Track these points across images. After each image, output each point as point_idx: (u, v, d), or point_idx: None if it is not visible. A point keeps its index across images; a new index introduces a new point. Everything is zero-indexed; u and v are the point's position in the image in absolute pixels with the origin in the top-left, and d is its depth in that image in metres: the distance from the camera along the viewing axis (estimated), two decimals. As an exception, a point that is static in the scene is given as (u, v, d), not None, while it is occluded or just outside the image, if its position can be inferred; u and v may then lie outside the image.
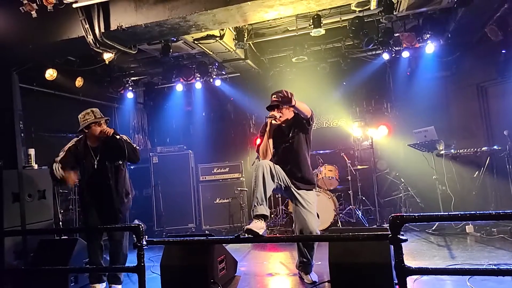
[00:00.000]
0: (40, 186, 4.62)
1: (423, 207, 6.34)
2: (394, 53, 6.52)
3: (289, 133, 3.69)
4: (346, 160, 6.66)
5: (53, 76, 5.89)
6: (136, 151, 3.79)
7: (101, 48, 4.33)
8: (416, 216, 2.36)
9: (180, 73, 7.17)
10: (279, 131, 3.70)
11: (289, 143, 3.66)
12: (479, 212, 2.27)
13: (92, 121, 3.73)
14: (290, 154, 3.66)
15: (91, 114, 3.76)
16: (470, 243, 4.93)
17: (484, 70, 6.48)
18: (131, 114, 8.50)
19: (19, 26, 4.17)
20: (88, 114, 3.75)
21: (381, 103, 7.73)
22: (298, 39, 6.52)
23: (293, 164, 3.65)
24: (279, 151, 3.68)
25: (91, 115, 3.75)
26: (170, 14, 4.02)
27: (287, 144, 3.67)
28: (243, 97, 8.19)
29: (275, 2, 3.85)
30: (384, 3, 5.02)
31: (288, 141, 3.66)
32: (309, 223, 3.54)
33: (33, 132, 5.59)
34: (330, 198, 6.03)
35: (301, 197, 3.61)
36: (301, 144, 3.68)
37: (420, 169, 6.23)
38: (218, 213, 7.01)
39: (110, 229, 3.85)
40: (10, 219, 4.13)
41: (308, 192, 3.67)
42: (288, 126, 3.72)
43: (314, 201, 3.67)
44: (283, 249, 5.30)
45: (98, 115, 3.79)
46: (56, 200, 5.19)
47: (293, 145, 3.65)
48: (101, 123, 3.78)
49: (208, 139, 8.37)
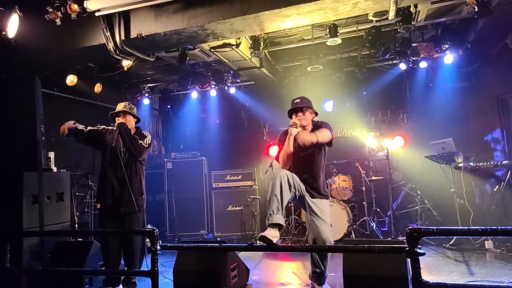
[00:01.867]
0: (59, 188, 4.70)
1: (440, 220, 6.19)
2: (412, 63, 6.45)
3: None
4: (361, 171, 6.58)
5: (74, 82, 6.05)
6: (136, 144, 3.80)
7: (121, 55, 4.43)
8: (435, 229, 2.31)
9: (195, 80, 7.25)
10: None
11: (308, 153, 3.64)
12: (501, 227, 2.21)
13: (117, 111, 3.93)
14: (308, 163, 3.65)
15: (122, 106, 3.95)
16: (489, 259, 4.78)
17: (505, 81, 6.35)
18: (146, 120, 8.62)
19: (44, 33, 4.28)
20: (121, 106, 3.96)
21: (397, 113, 7.64)
22: (313, 48, 6.52)
23: (310, 174, 3.63)
24: (297, 159, 3.67)
25: (122, 106, 3.94)
26: (189, 23, 4.08)
27: (305, 153, 3.65)
28: (257, 105, 8.22)
29: (292, 12, 3.87)
30: (402, 13, 5.01)
31: (307, 150, 3.64)
32: (322, 232, 3.49)
33: (52, 136, 5.71)
34: (344, 209, 5.97)
35: (315, 206, 3.58)
36: (320, 154, 3.68)
37: (437, 181, 6.12)
38: (230, 220, 7.01)
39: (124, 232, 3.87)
40: (29, 220, 4.21)
41: (322, 200, 3.65)
42: None
43: (327, 210, 3.64)
44: (296, 259, 5.25)
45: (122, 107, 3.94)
46: (73, 202, 5.27)
47: (311, 155, 3.64)
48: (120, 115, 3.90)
49: (221, 146, 8.41)
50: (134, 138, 3.81)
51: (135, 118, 4.04)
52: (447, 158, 5.69)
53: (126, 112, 3.93)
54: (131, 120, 3.98)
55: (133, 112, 4.00)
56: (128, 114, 3.94)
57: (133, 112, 4.00)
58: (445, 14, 5.29)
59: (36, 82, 4.66)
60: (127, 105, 3.97)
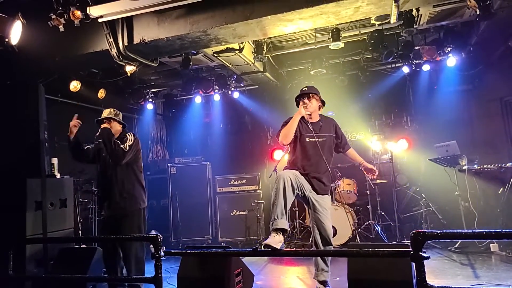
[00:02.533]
0: (62, 195, 4.71)
1: (444, 223, 6.16)
2: (414, 66, 6.45)
3: (317, 131, 3.71)
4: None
5: (77, 87, 6.08)
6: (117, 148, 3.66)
7: (124, 61, 4.46)
8: (439, 233, 2.29)
9: (199, 85, 7.27)
10: (305, 125, 3.72)
11: (315, 140, 3.66)
12: (505, 230, 2.19)
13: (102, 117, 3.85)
14: (314, 151, 3.65)
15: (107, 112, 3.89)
16: (495, 262, 4.74)
17: (508, 84, 6.33)
18: (150, 125, 8.65)
19: (47, 39, 4.33)
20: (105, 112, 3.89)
21: (400, 116, 7.62)
22: (316, 52, 6.53)
23: (316, 162, 3.64)
24: (304, 144, 3.68)
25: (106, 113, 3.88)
26: (191, 28, 4.10)
27: (312, 140, 3.67)
28: (261, 109, 8.22)
29: (294, 16, 3.89)
30: (404, 17, 5.01)
31: (314, 137, 3.67)
32: (327, 228, 3.56)
33: (56, 142, 5.73)
34: (349, 213, 5.94)
35: (318, 204, 3.61)
36: (327, 144, 3.72)
37: (442, 184, 6.08)
38: (235, 225, 6.99)
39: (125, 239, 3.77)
40: (33, 227, 4.22)
41: (324, 197, 3.68)
42: (317, 124, 3.75)
43: (329, 207, 3.69)
44: (300, 264, 5.22)
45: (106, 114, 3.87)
46: (76, 209, 5.28)
47: (319, 143, 3.66)
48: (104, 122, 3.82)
49: (225, 150, 8.40)
50: (115, 142, 3.70)
51: (120, 124, 3.95)
52: (451, 160, 5.66)
53: (110, 119, 3.85)
54: (116, 126, 3.89)
55: (118, 118, 3.92)
56: (113, 120, 3.86)
57: (118, 118, 3.92)
58: (447, 17, 5.29)
59: (40, 88, 4.70)
60: (111, 111, 3.91)
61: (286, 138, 3.59)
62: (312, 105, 3.70)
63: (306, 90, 3.76)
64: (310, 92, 3.73)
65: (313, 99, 3.72)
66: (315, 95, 3.74)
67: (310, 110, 3.69)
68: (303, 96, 3.73)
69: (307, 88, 3.77)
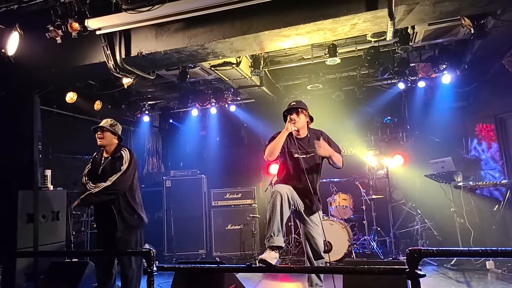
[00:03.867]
0: (54, 207, 4.65)
1: (440, 240, 6.12)
2: (410, 83, 6.51)
3: (305, 147, 3.62)
4: (361, 189, 6.54)
5: (73, 99, 6.06)
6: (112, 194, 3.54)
7: (121, 73, 4.45)
8: (435, 250, 2.26)
9: (196, 98, 7.29)
10: (293, 141, 3.62)
11: (303, 156, 3.57)
12: (501, 248, 2.17)
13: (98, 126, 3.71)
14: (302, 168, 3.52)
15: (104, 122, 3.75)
16: (491, 280, 4.71)
17: (503, 101, 6.39)
18: (146, 137, 8.62)
19: (44, 50, 4.32)
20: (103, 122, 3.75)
21: (396, 132, 7.66)
22: (313, 67, 6.59)
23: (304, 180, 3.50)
24: (292, 161, 3.59)
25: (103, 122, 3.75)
26: (189, 42, 4.12)
27: (300, 156, 3.57)
28: (258, 123, 8.23)
29: (291, 32, 3.92)
30: (400, 34, 5.08)
31: (302, 153, 3.58)
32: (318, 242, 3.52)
33: (50, 153, 5.68)
34: (344, 228, 5.90)
35: (310, 221, 3.58)
36: (319, 168, 3.64)
37: (437, 200, 6.07)
38: (230, 239, 6.91)
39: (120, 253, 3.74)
40: (23, 240, 4.15)
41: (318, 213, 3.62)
42: (304, 139, 3.66)
43: (320, 223, 3.61)
44: (295, 280, 5.16)
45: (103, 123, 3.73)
46: (69, 222, 5.20)
47: (307, 159, 3.57)
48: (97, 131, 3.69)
49: (221, 164, 8.37)
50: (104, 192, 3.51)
51: (116, 136, 3.77)
52: (447, 177, 5.67)
53: (104, 128, 3.70)
54: (110, 137, 3.73)
55: (115, 129, 3.75)
56: (107, 130, 3.70)
57: (115, 129, 3.75)
58: (442, 35, 5.37)
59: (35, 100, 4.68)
60: (108, 121, 3.76)
61: (272, 155, 3.46)
62: (300, 121, 3.57)
63: (295, 105, 3.62)
64: (298, 107, 3.60)
65: (302, 114, 3.58)
66: (303, 110, 3.61)
67: (298, 126, 3.56)
68: (291, 111, 3.58)
69: (295, 103, 3.64)
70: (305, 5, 3.72)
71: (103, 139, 3.70)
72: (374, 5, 3.52)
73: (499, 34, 4.67)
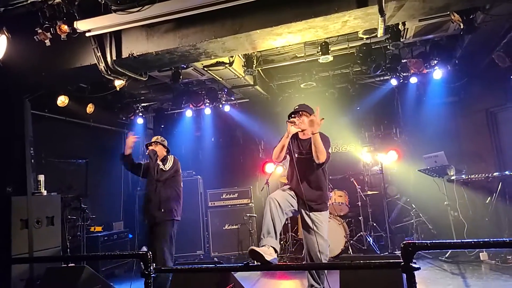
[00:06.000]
0: (49, 212, 4.61)
1: (435, 233, 6.18)
2: (402, 79, 6.56)
3: (306, 148, 3.70)
4: (356, 186, 6.57)
5: (65, 102, 6.00)
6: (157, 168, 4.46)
7: (112, 75, 4.41)
8: (429, 243, 2.28)
9: (189, 99, 7.27)
10: (296, 142, 3.77)
11: (307, 156, 3.64)
12: (493, 239, 2.19)
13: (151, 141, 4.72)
14: (303, 168, 3.64)
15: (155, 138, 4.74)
16: (485, 271, 4.77)
17: (493, 95, 6.47)
18: (140, 140, 8.56)
19: (33, 54, 4.28)
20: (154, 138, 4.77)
21: (390, 128, 7.70)
22: (306, 66, 6.61)
23: (308, 183, 3.64)
24: (295, 161, 3.70)
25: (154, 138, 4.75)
26: (181, 42, 4.11)
27: (303, 157, 3.67)
28: (252, 122, 8.23)
29: (283, 30, 3.93)
30: (391, 31, 5.11)
31: (306, 154, 3.66)
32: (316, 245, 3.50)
33: (43, 158, 5.64)
34: (341, 224, 5.92)
35: (310, 220, 3.60)
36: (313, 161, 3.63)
37: (431, 194, 6.12)
38: (227, 239, 6.91)
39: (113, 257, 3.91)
40: (18, 246, 4.11)
41: (320, 213, 3.64)
42: (306, 141, 3.74)
43: (324, 221, 3.64)
44: (294, 277, 5.17)
45: (154, 139, 4.72)
46: (65, 226, 5.17)
47: (308, 160, 3.63)
48: (151, 144, 4.65)
49: (217, 164, 8.35)
50: (156, 164, 4.44)
51: (165, 148, 4.70)
52: (440, 171, 5.71)
53: (157, 143, 4.66)
54: (161, 149, 4.64)
55: (163, 143, 4.71)
56: (159, 144, 4.64)
57: (163, 143, 4.71)
58: (432, 31, 5.41)
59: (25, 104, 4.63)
60: (158, 138, 4.74)
61: (277, 156, 3.63)
62: (302, 123, 3.69)
63: (297, 108, 3.81)
64: (299, 110, 3.76)
65: (304, 117, 3.72)
66: (305, 112, 3.74)
67: (301, 127, 3.69)
68: (293, 114, 3.77)
69: (298, 107, 3.83)
70: (296, 3, 3.73)
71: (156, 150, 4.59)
72: (365, 2, 3.54)
73: (488, 29, 4.72)
